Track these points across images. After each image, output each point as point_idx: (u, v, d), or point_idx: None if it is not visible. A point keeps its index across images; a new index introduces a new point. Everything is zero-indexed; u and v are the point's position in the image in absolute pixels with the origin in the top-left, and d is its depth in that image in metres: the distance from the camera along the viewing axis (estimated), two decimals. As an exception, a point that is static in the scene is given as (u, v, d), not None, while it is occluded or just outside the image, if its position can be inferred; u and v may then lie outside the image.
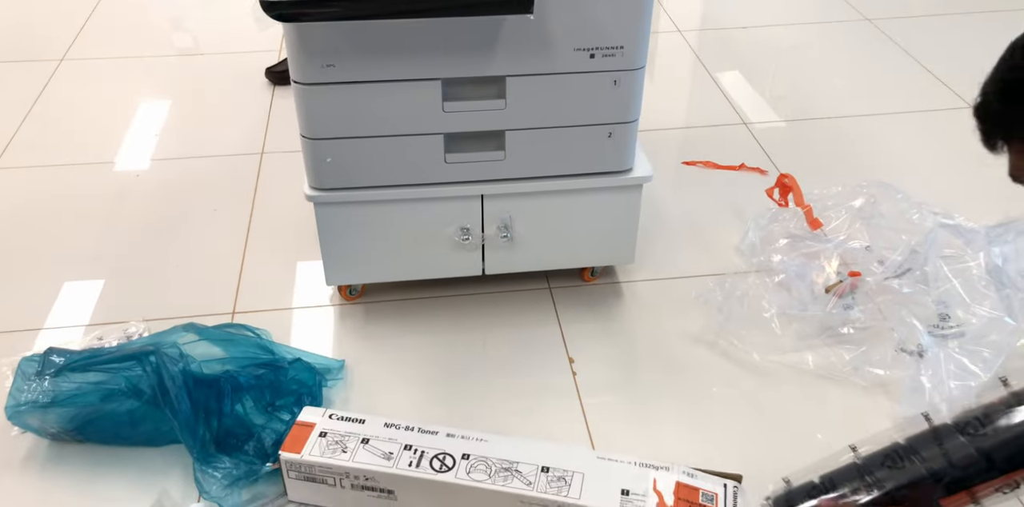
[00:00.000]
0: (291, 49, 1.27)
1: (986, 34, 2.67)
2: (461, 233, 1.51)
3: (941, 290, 1.45)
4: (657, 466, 1.19)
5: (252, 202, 1.93)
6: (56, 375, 1.28)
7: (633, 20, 1.29)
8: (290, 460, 1.20)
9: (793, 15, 2.81)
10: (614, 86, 1.35)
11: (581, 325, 1.59)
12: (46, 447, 1.34)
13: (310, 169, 1.41)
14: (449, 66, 1.31)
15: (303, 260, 1.75)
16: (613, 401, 1.45)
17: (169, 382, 1.26)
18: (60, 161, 2.08)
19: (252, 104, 2.32)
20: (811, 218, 1.66)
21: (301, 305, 1.65)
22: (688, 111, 2.33)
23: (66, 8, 2.82)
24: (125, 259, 1.77)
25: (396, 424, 1.25)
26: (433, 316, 1.62)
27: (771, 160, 2.05)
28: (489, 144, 1.41)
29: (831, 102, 2.30)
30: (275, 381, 1.38)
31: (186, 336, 1.41)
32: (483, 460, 1.19)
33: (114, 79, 2.45)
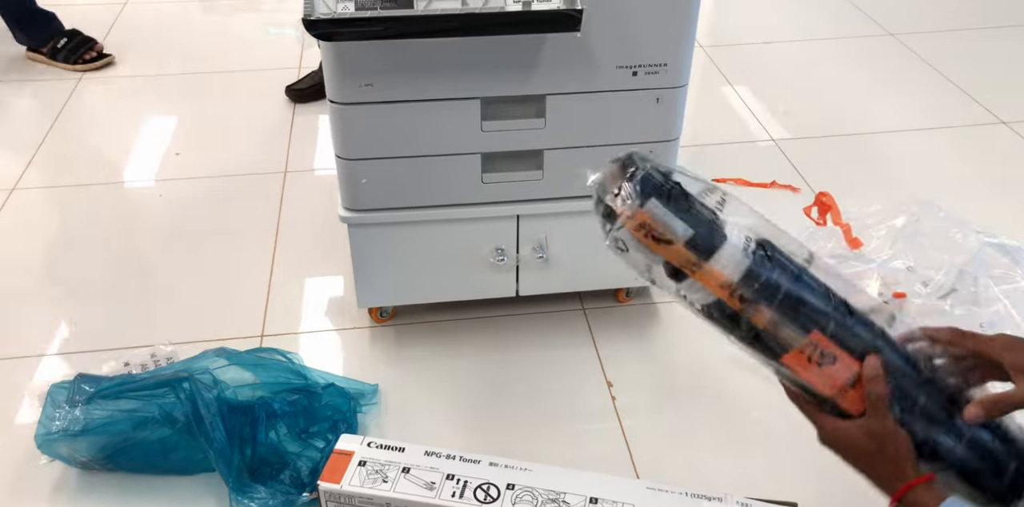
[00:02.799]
0: (329, 68, 1.25)
1: (1014, 49, 2.66)
2: (496, 254, 1.48)
3: (991, 311, 1.41)
4: (710, 497, 1.15)
5: (277, 221, 1.90)
6: (87, 403, 1.24)
7: (677, 37, 1.27)
8: (329, 490, 1.16)
9: (816, 31, 2.79)
10: (656, 104, 1.32)
11: (617, 347, 1.56)
12: (76, 476, 1.31)
13: (345, 190, 1.39)
14: (489, 85, 1.28)
15: (331, 281, 1.73)
16: (655, 426, 1.42)
17: (204, 409, 1.23)
18: (82, 180, 2.06)
19: (274, 122, 2.30)
20: (850, 237, 1.63)
21: (330, 327, 1.62)
22: (713, 128, 2.31)
23: (86, 25, 2.81)
24: (148, 280, 1.74)
25: (437, 452, 1.21)
26: (465, 338, 1.58)
27: (802, 177, 2.02)
28: (527, 164, 1.38)
29: (858, 118, 2.28)
30: (309, 407, 1.35)
31: (217, 361, 1.38)
32: (529, 490, 1.16)
33: (135, 97, 2.44)
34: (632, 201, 0.79)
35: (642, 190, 0.79)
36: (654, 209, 0.78)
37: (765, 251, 0.80)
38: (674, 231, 0.79)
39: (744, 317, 0.81)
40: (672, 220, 0.79)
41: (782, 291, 0.80)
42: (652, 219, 0.78)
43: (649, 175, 0.79)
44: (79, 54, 2.51)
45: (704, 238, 0.79)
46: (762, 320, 0.81)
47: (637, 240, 0.80)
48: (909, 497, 0.80)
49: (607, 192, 0.81)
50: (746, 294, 0.80)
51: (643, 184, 0.79)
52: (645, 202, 0.78)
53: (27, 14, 2.51)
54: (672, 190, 0.80)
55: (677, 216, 0.79)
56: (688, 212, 0.80)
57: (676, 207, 0.79)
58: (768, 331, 0.81)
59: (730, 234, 0.80)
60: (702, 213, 0.80)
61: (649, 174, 0.80)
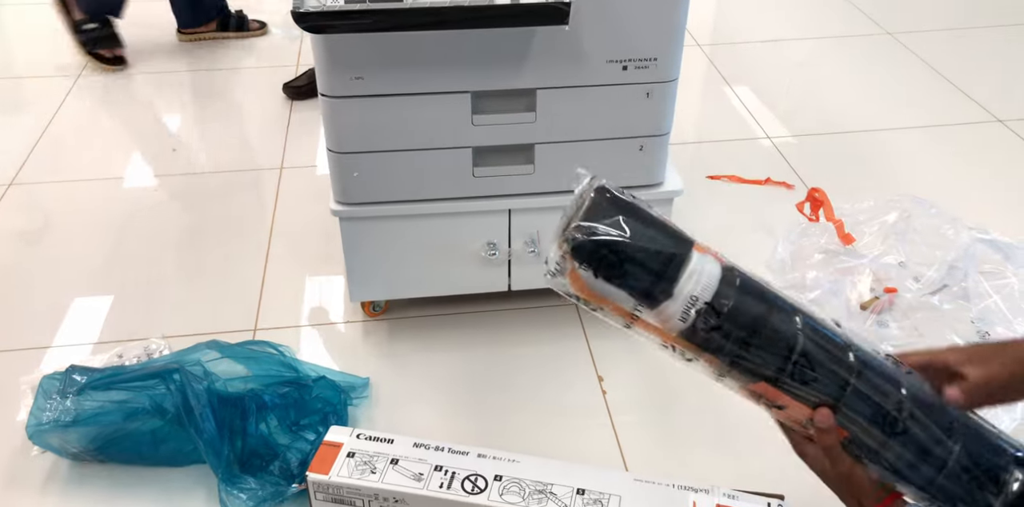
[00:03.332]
0: (319, 62, 1.25)
1: (1010, 48, 2.66)
2: (488, 248, 1.48)
3: (981, 306, 1.41)
4: (696, 488, 1.15)
5: (272, 217, 1.91)
6: (79, 393, 1.25)
7: (667, 32, 1.27)
8: (318, 481, 1.17)
9: (813, 29, 2.80)
10: (646, 98, 1.33)
11: (609, 342, 1.56)
12: (67, 467, 1.31)
13: (336, 183, 1.39)
14: (479, 79, 1.29)
15: (324, 276, 1.73)
16: (645, 420, 1.42)
17: (194, 401, 1.23)
18: (77, 176, 2.07)
19: (270, 119, 2.31)
20: (842, 233, 1.63)
21: (323, 322, 1.62)
22: (709, 125, 2.31)
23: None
24: (143, 275, 1.75)
25: (426, 444, 1.21)
26: (458, 333, 1.59)
27: (797, 174, 2.02)
28: (518, 158, 1.38)
29: (854, 116, 2.28)
30: (300, 400, 1.35)
31: (209, 354, 1.39)
32: (516, 482, 1.16)
33: (131, 94, 2.45)
34: (563, 261, 0.74)
35: (575, 255, 0.73)
36: (586, 277, 0.74)
37: (713, 308, 0.75)
38: (607, 295, 0.75)
39: (697, 362, 0.79)
40: (604, 286, 0.74)
41: (725, 349, 0.77)
42: (585, 285, 0.74)
43: (584, 243, 0.73)
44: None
45: (645, 294, 0.75)
46: (713, 366, 0.79)
47: (576, 296, 0.76)
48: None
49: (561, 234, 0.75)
50: (690, 346, 0.77)
51: (577, 250, 0.73)
52: (577, 267, 0.74)
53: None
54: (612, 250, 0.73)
55: (612, 281, 0.74)
56: (624, 271, 0.74)
57: (612, 271, 0.73)
58: (721, 374, 0.80)
59: (678, 290, 0.75)
60: (644, 268, 0.74)
61: (584, 242, 0.73)
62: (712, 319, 0.76)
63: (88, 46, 2.45)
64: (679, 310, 0.75)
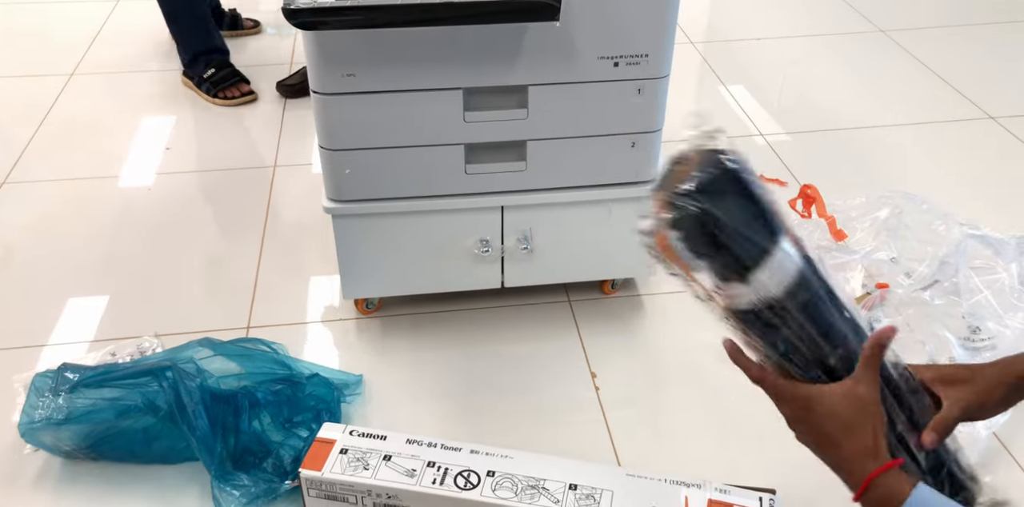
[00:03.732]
0: (311, 58, 1.25)
1: (1001, 45, 2.67)
2: (481, 245, 1.48)
3: (972, 302, 1.41)
4: (688, 483, 1.15)
5: (265, 215, 1.91)
6: (71, 391, 1.25)
7: (658, 28, 1.27)
8: (310, 478, 1.17)
9: (807, 27, 2.80)
10: (638, 95, 1.33)
11: (602, 338, 1.57)
12: (59, 465, 1.31)
13: (328, 180, 1.39)
14: (470, 75, 1.29)
15: (318, 274, 1.73)
16: (637, 416, 1.42)
17: (186, 398, 1.23)
18: (71, 175, 2.06)
19: (264, 117, 2.31)
20: (834, 229, 1.64)
21: (317, 319, 1.62)
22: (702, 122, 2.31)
23: (76, 23, 2.82)
24: (138, 273, 1.75)
25: (418, 440, 1.22)
26: (451, 330, 1.59)
27: (789, 171, 2.03)
28: (510, 154, 1.39)
29: (847, 113, 2.29)
30: (293, 397, 1.35)
31: (202, 351, 1.39)
32: (509, 477, 1.16)
33: (125, 93, 2.44)
34: (660, 221, 0.73)
35: (671, 221, 0.73)
36: (674, 241, 0.73)
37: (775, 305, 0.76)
38: (685, 259, 0.75)
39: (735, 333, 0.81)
40: (687, 254, 0.74)
41: (766, 339, 0.79)
42: (669, 247, 0.74)
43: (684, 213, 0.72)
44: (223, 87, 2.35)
45: (722, 273, 0.75)
46: (749, 345, 0.82)
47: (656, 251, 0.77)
48: (881, 480, 0.74)
49: (664, 186, 0.75)
50: (738, 324, 0.79)
51: (675, 219, 0.72)
52: (669, 230, 0.73)
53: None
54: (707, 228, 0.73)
55: (697, 254, 0.74)
56: (712, 250, 0.74)
57: (701, 246, 0.73)
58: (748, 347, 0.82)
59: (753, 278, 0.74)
60: (730, 253, 0.74)
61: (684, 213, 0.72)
62: (770, 314, 0.76)
63: (212, 93, 2.34)
64: (746, 295, 0.76)
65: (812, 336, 0.78)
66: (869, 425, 0.76)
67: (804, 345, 0.78)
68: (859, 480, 0.75)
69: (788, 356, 0.79)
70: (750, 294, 0.75)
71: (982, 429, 1.28)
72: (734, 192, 0.75)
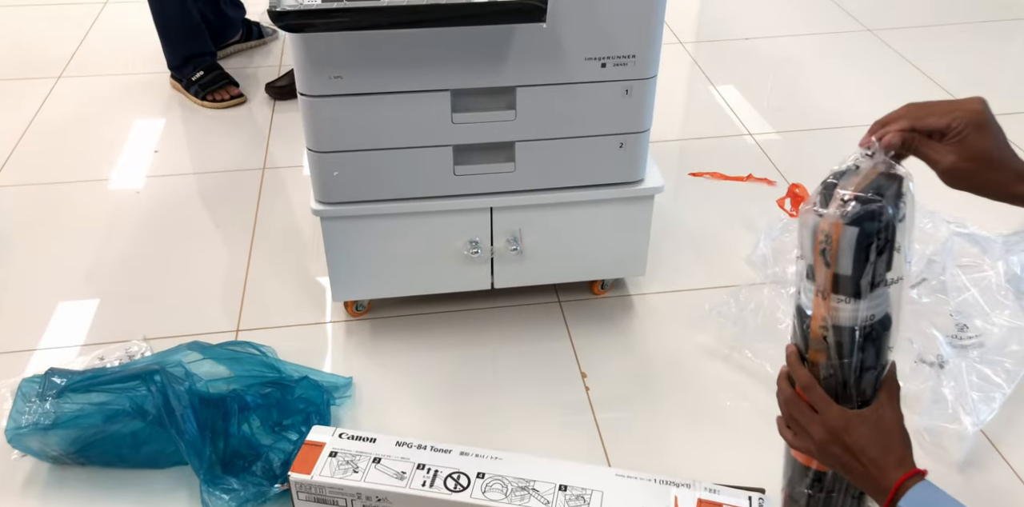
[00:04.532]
0: (298, 61, 1.25)
1: (987, 43, 2.68)
2: (470, 246, 1.48)
3: (959, 300, 1.42)
4: (678, 483, 1.15)
5: (254, 218, 1.90)
6: (58, 396, 1.24)
7: (645, 29, 1.28)
8: (300, 481, 1.16)
9: (795, 26, 2.81)
10: (626, 95, 1.33)
11: (592, 339, 1.57)
12: (47, 470, 1.30)
13: (317, 183, 1.39)
14: (458, 77, 1.29)
15: (307, 276, 1.73)
16: (627, 416, 1.42)
17: (175, 402, 1.23)
18: (58, 178, 2.05)
19: (253, 120, 2.30)
20: (823, 228, 1.64)
21: (306, 322, 1.62)
22: (691, 122, 2.32)
23: (64, 25, 2.81)
24: (126, 277, 1.74)
25: (408, 443, 1.21)
26: (441, 331, 1.58)
27: (778, 171, 2.04)
28: (499, 156, 1.39)
29: (835, 112, 2.29)
30: (282, 400, 1.35)
31: (190, 355, 1.38)
32: (499, 479, 1.16)
33: (112, 96, 2.43)
34: (842, 212, 0.78)
35: (856, 215, 0.78)
36: (843, 230, 0.78)
37: (871, 331, 0.83)
38: (838, 262, 0.80)
39: (807, 348, 0.87)
40: (842, 248, 0.79)
41: (836, 355, 0.85)
42: (838, 239, 0.79)
43: (873, 211, 0.78)
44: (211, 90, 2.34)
45: (850, 284, 0.80)
46: (817, 359, 0.86)
47: (813, 239, 0.81)
48: (907, 485, 0.80)
49: (842, 184, 0.80)
50: (817, 333, 0.85)
51: (864, 213, 0.78)
52: (844, 217, 0.78)
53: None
54: (879, 236, 0.79)
55: (853, 255, 0.79)
56: (863, 259, 0.79)
57: (860, 249, 0.79)
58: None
59: (866, 296, 0.81)
60: (871, 267, 0.80)
61: (874, 210, 0.78)
62: (859, 337, 0.83)
63: (200, 95, 2.32)
64: (848, 311, 0.82)
65: (869, 365, 0.85)
66: (898, 445, 0.83)
67: (856, 372, 0.85)
68: (887, 487, 0.80)
69: (843, 377, 0.85)
70: (858, 311, 0.81)
71: (969, 426, 1.28)
72: (893, 217, 0.80)
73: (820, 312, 0.83)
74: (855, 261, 0.79)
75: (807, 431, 0.87)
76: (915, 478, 0.80)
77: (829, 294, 0.82)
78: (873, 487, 0.82)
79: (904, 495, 0.78)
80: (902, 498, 0.78)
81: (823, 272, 0.81)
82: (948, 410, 1.30)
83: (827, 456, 0.86)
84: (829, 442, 0.85)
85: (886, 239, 0.79)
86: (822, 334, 0.84)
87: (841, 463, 0.85)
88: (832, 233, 0.79)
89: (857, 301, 0.81)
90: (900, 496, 0.79)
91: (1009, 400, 1.34)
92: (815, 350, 0.86)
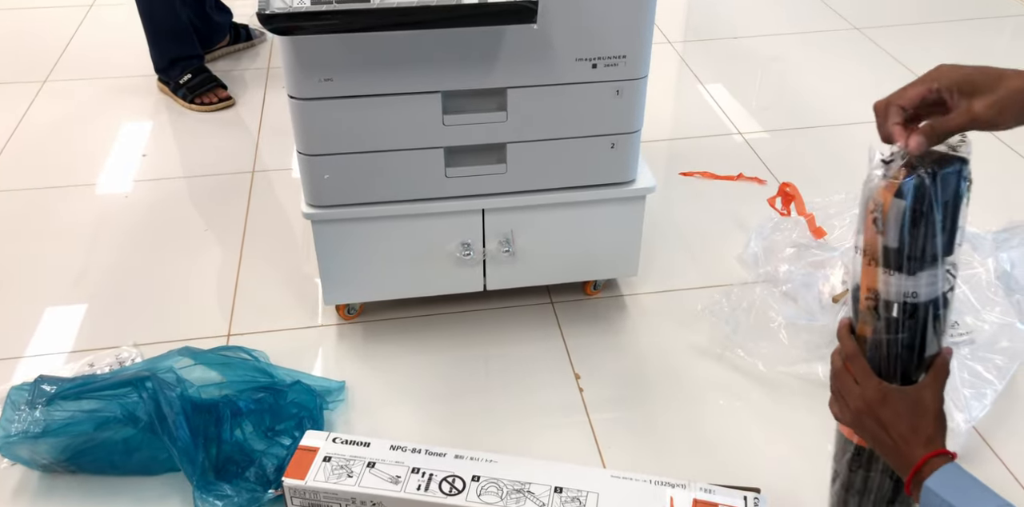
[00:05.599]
0: (287, 63, 1.24)
1: (973, 40, 2.70)
2: (462, 248, 1.48)
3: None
4: (673, 483, 1.15)
5: (245, 221, 1.89)
6: (48, 404, 1.23)
7: (635, 29, 1.27)
8: (294, 486, 1.16)
9: (783, 25, 2.82)
10: (616, 96, 1.33)
11: (585, 339, 1.56)
12: (37, 479, 1.29)
13: (307, 186, 1.38)
14: (449, 78, 1.28)
15: (298, 280, 1.72)
16: (621, 417, 1.42)
17: (166, 408, 1.22)
18: (46, 183, 2.03)
19: (242, 123, 2.29)
20: (814, 227, 1.65)
21: (298, 326, 1.61)
22: (681, 122, 2.32)
23: (48, 30, 2.79)
24: (115, 282, 1.73)
25: (402, 446, 1.21)
26: (434, 334, 1.58)
27: (768, 169, 2.04)
28: (490, 157, 1.38)
29: (824, 110, 2.30)
30: (275, 405, 1.34)
31: (182, 360, 1.37)
32: (494, 482, 1.16)
33: (99, 99, 2.41)
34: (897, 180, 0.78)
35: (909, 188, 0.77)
36: (894, 202, 0.78)
37: (917, 310, 0.83)
38: (888, 232, 0.79)
39: (857, 320, 0.87)
40: (892, 220, 0.79)
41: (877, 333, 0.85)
42: (885, 202, 0.78)
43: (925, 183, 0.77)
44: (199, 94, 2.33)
45: (899, 256, 0.80)
46: (864, 333, 0.87)
47: (866, 205, 0.80)
48: (932, 464, 0.80)
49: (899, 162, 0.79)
50: (866, 309, 0.85)
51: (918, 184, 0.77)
52: (903, 183, 0.77)
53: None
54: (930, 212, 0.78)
55: (902, 224, 0.79)
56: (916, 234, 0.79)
57: (914, 221, 0.78)
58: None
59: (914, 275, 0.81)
60: (919, 242, 0.80)
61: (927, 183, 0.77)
62: (898, 313, 0.83)
63: (188, 98, 2.31)
64: (893, 287, 0.81)
65: (915, 344, 0.85)
66: (931, 425, 0.82)
67: (905, 349, 0.85)
68: (911, 463, 0.81)
69: (887, 352, 0.85)
70: (896, 284, 0.81)
71: (962, 422, 1.29)
72: (954, 197, 0.79)
73: (867, 281, 0.83)
74: (905, 235, 0.79)
75: (846, 402, 0.88)
76: (942, 458, 0.81)
77: (878, 265, 0.81)
78: (899, 462, 0.83)
79: (931, 475, 0.79)
80: (929, 477, 0.79)
81: (873, 241, 0.81)
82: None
83: (861, 427, 0.87)
84: (864, 413, 0.85)
85: (943, 217, 0.78)
86: (869, 305, 0.84)
87: (873, 435, 0.85)
88: (883, 202, 0.78)
89: (905, 276, 0.81)
90: (924, 473, 0.80)
91: (1000, 396, 1.35)
92: (863, 322, 0.86)
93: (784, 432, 1.37)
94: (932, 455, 0.80)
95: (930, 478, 0.79)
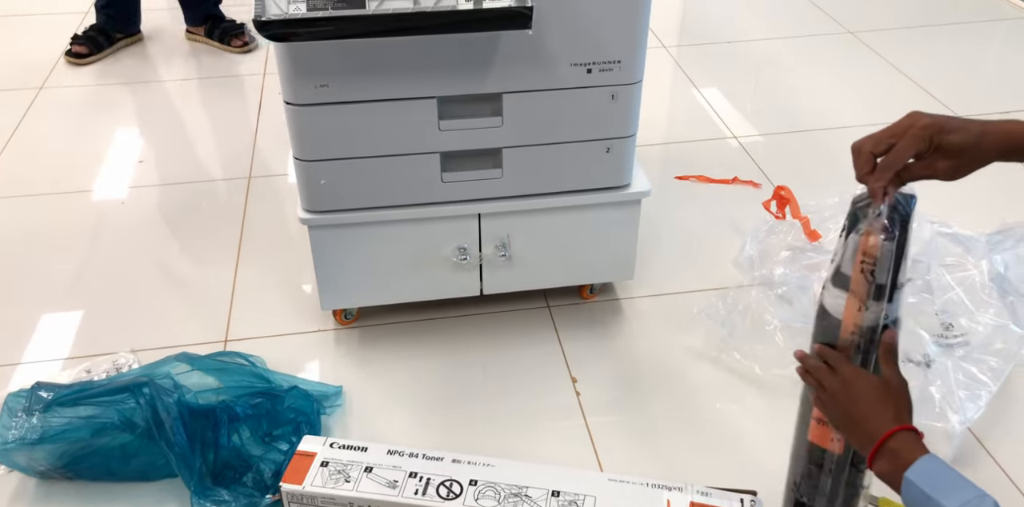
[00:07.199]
0: (283, 70, 1.25)
1: (965, 44, 2.72)
2: (459, 253, 1.48)
3: (944, 299, 1.44)
4: (670, 486, 1.16)
5: (241, 227, 1.89)
6: (45, 410, 1.23)
7: (630, 34, 1.28)
8: (292, 491, 1.16)
9: (777, 29, 2.83)
10: (612, 101, 1.34)
11: (582, 343, 1.57)
12: (34, 486, 1.29)
13: (304, 191, 1.38)
14: (445, 84, 1.29)
15: (295, 285, 1.72)
16: (618, 420, 1.42)
17: (164, 414, 1.22)
18: (43, 190, 2.03)
19: (237, 129, 2.29)
20: (808, 230, 1.65)
21: (295, 331, 1.61)
22: (676, 126, 2.33)
23: (43, 37, 2.79)
24: (112, 289, 1.73)
25: (400, 451, 1.21)
26: (430, 338, 1.58)
27: (763, 173, 2.05)
28: (486, 162, 1.39)
29: (818, 114, 2.31)
30: (272, 410, 1.34)
31: (179, 366, 1.38)
32: (491, 486, 1.16)
33: (96, 106, 2.42)
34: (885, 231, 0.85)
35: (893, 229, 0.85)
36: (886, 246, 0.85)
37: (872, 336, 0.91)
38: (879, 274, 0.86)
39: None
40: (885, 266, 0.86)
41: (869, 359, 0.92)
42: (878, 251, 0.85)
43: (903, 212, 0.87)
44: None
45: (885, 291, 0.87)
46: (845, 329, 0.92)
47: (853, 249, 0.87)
48: (898, 439, 0.84)
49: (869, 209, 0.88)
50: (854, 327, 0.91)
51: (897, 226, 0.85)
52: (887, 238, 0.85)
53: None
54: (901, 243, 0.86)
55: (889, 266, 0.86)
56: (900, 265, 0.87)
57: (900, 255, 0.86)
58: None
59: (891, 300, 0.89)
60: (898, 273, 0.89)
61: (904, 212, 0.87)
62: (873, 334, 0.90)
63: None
64: (876, 314, 0.88)
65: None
66: (897, 402, 0.87)
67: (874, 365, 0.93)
68: (875, 437, 0.84)
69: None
70: (882, 313, 0.88)
71: (957, 424, 1.30)
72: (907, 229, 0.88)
73: (854, 320, 0.90)
74: (891, 271, 0.86)
75: (824, 388, 0.92)
76: (907, 434, 0.84)
77: (865, 309, 0.88)
78: (863, 437, 0.86)
79: (911, 467, 0.81)
80: (909, 468, 0.81)
81: (864, 286, 0.87)
82: (935, 409, 1.31)
83: (836, 407, 0.90)
84: (839, 393, 0.90)
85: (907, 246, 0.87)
86: (854, 339, 0.91)
87: (844, 411, 0.89)
88: (875, 253, 0.86)
89: (885, 304, 0.88)
90: (887, 447, 0.83)
91: (995, 398, 1.36)
92: (842, 349, 0.93)
93: (780, 435, 1.37)
94: (899, 429, 0.84)
95: (910, 469, 0.81)
